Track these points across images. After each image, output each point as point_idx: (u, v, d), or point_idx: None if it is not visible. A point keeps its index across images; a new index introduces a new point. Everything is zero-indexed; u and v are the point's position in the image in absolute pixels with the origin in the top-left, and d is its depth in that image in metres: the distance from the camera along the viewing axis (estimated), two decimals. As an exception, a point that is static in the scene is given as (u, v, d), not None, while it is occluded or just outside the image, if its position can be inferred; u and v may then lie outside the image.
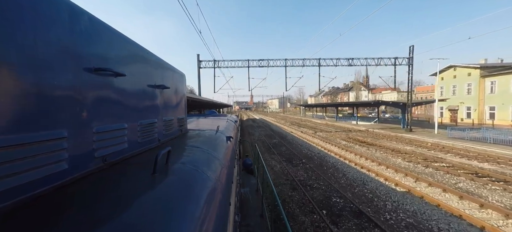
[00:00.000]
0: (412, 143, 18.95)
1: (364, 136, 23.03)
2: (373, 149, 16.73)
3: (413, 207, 7.69)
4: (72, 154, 0.95)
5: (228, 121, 5.75)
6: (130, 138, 1.43)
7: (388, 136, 22.55)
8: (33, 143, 0.78)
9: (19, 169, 0.73)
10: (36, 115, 0.79)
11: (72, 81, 0.95)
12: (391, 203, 8.05)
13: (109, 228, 0.67)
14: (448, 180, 10.11)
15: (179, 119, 2.56)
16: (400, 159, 13.74)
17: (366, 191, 9.10)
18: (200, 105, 22.82)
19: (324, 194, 8.93)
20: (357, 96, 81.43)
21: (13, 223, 0.65)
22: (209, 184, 1.26)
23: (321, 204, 8.07)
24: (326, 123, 39.73)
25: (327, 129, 31.20)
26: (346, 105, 43.71)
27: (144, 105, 1.65)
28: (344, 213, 7.39)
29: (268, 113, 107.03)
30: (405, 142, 19.38)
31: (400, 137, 21.63)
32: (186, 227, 0.80)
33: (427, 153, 15.21)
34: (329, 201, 8.30)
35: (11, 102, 0.71)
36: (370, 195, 8.73)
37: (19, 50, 0.73)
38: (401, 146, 17.89)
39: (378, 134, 24.55)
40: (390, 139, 21.21)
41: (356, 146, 18.43)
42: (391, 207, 7.77)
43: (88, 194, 0.89)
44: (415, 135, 21.53)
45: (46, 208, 0.74)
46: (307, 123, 41.45)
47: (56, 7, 0.89)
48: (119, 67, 1.26)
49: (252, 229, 5.31)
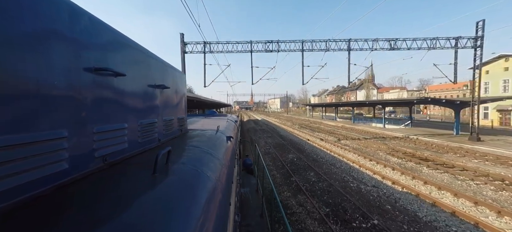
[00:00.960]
0: (500, 161, 12.25)
1: (413, 148, 16.47)
2: (449, 174, 10.58)
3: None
4: (72, 154, 0.95)
5: (228, 121, 5.71)
6: (130, 138, 1.43)
7: (451, 148, 15.74)
8: (33, 143, 0.78)
9: (19, 169, 0.73)
10: (36, 115, 0.79)
11: (72, 81, 0.95)
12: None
13: (109, 228, 0.67)
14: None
15: (179, 119, 2.56)
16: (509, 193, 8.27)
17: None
18: (193, 105, 17.19)
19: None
20: (367, 95, 74.30)
21: (13, 223, 0.65)
22: (209, 184, 1.26)
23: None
24: (343, 126, 32.81)
25: (351, 134, 24.63)
26: (375, 104, 34.57)
27: (144, 105, 1.65)
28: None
29: (269, 113, 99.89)
30: (488, 160, 12.82)
31: (469, 149, 15.06)
32: (186, 227, 0.80)
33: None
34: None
35: (11, 102, 0.71)
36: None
37: (19, 50, 0.73)
38: (490, 167, 11.45)
39: (429, 144, 17.74)
40: (456, 152, 14.77)
41: (417, 165, 12.12)
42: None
43: (88, 194, 0.89)
44: (490, 147, 14.90)
45: (46, 208, 0.74)
46: (320, 126, 34.62)
47: (56, 7, 0.89)
48: (119, 67, 1.26)
49: (252, 229, 5.26)
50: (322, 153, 15.55)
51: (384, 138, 21.50)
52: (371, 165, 12.27)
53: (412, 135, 21.39)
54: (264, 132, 28.10)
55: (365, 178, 10.34)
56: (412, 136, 20.73)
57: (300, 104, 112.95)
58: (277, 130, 30.19)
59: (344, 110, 53.38)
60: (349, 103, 41.63)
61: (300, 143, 19.64)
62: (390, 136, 22.47)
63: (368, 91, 75.48)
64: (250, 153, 14.62)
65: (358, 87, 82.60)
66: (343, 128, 31.52)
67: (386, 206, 7.59)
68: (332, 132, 26.95)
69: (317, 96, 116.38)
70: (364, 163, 12.56)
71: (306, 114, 75.19)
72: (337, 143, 18.81)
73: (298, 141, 21.11)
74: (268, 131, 28.99)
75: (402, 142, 19.26)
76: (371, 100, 35.08)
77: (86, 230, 0.65)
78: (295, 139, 22.15)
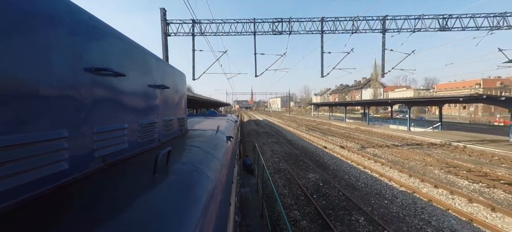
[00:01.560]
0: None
1: (474, 162, 12.36)
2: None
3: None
4: (72, 154, 0.95)
5: (228, 121, 5.63)
6: (130, 138, 1.42)
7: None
8: (33, 143, 0.77)
9: (19, 169, 0.73)
10: (36, 115, 0.79)
11: (72, 81, 0.95)
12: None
13: (109, 228, 0.67)
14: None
15: (179, 119, 2.54)
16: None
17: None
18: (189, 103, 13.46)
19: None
20: (375, 94, 69.83)
21: (13, 223, 0.65)
22: (209, 184, 1.25)
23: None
24: (358, 128, 28.58)
25: (373, 140, 20.57)
26: (401, 102, 28.40)
27: (144, 105, 1.65)
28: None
29: (270, 113, 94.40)
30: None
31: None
32: (187, 227, 0.79)
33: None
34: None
35: (11, 102, 0.71)
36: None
37: (19, 50, 0.73)
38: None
39: (489, 155, 13.50)
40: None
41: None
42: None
43: (88, 194, 0.89)
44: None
45: (46, 208, 0.74)
46: (330, 128, 30.35)
47: (56, 7, 0.89)
48: (119, 67, 1.25)
49: (252, 229, 5.19)
50: (354, 171, 11.24)
51: (420, 145, 17.28)
52: (445, 199, 7.95)
53: (451, 140, 17.27)
54: (269, 136, 23.96)
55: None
56: (455, 143, 16.59)
57: (302, 103, 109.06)
58: (282, 133, 26.31)
59: (349, 110, 48.50)
60: (367, 102, 36.59)
61: (317, 153, 15.29)
62: (424, 142, 18.27)
63: (375, 89, 69.85)
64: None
65: (363, 85, 77.40)
66: (358, 130, 27.44)
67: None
68: (348, 136, 22.89)
69: (319, 95, 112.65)
70: (430, 194, 8.26)
71: (310, 114, 70.26)
72: (363, 153, 14.68)
73: (313, 149, 16.79)
74: (272, 135, 24.88)
75: (447, 151, 15.08)
76: (395, 98, 28.92)
77: (86, 230, 0.65)
78: (309, 146, 17.87)
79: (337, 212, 7.07)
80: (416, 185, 9.20)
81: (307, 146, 17.92)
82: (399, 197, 8.14)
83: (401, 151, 14.93)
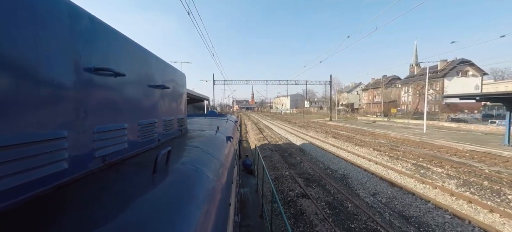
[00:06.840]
0: None
1: None
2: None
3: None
4: (72, 154, 0.95)
5: (228, 121, 5.69)
6: (130, 138, 1.43)
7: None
8: (33, 143, 0.78)
9: (19, 169, 0.73)
10: (36, 115, 0.79)
11: (72, 81, 0.95)
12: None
13: (109, 228, 0.67)
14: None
15: (179, 119, 2.55)
16: None
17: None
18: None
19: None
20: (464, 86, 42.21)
21: (13, 223, 0.65)
22: (209, 185, 1.25)
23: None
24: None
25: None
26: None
27: (144, 105, 1.65)
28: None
29: (281, 117, 63.80)
30: None
31: None
32: (186, 227, 0.80)
33: None
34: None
35: (11, 102, 0.71)
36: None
37: (19, 50, 0.73)
38: None
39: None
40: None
41: None
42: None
43: (88, 194, 0.89)
44: None
45: (46, 208, 0.75)
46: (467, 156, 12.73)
47: (56, 7, 0.89)
48: (119, 67, 1.25)
49: (252, 229, 5.22)
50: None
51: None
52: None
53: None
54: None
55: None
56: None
57: (325, 103, 70.95)
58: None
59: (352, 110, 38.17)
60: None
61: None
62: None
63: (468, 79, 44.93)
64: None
65: (446, 73, 46.95)
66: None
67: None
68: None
69: (347, 92, 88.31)
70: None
71: (334, 117, 48.05)
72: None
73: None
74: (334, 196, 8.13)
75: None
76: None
77: (86, 230, 0.65)
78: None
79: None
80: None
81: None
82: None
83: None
